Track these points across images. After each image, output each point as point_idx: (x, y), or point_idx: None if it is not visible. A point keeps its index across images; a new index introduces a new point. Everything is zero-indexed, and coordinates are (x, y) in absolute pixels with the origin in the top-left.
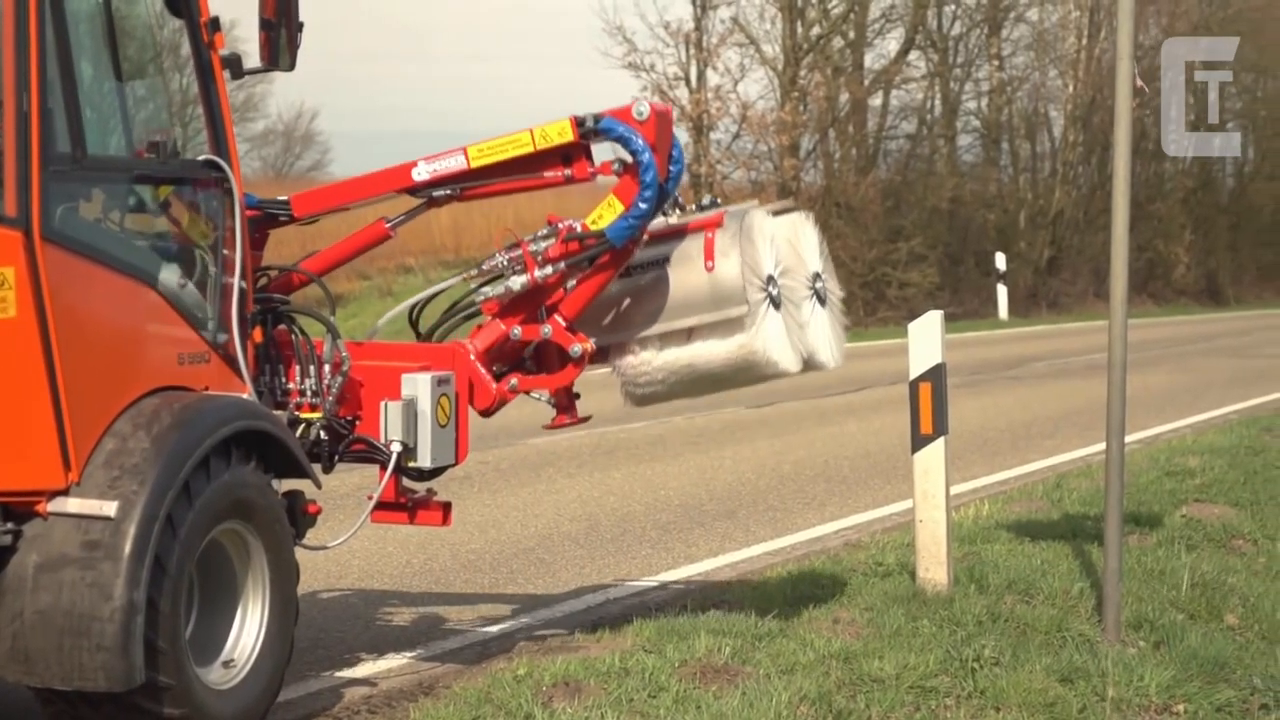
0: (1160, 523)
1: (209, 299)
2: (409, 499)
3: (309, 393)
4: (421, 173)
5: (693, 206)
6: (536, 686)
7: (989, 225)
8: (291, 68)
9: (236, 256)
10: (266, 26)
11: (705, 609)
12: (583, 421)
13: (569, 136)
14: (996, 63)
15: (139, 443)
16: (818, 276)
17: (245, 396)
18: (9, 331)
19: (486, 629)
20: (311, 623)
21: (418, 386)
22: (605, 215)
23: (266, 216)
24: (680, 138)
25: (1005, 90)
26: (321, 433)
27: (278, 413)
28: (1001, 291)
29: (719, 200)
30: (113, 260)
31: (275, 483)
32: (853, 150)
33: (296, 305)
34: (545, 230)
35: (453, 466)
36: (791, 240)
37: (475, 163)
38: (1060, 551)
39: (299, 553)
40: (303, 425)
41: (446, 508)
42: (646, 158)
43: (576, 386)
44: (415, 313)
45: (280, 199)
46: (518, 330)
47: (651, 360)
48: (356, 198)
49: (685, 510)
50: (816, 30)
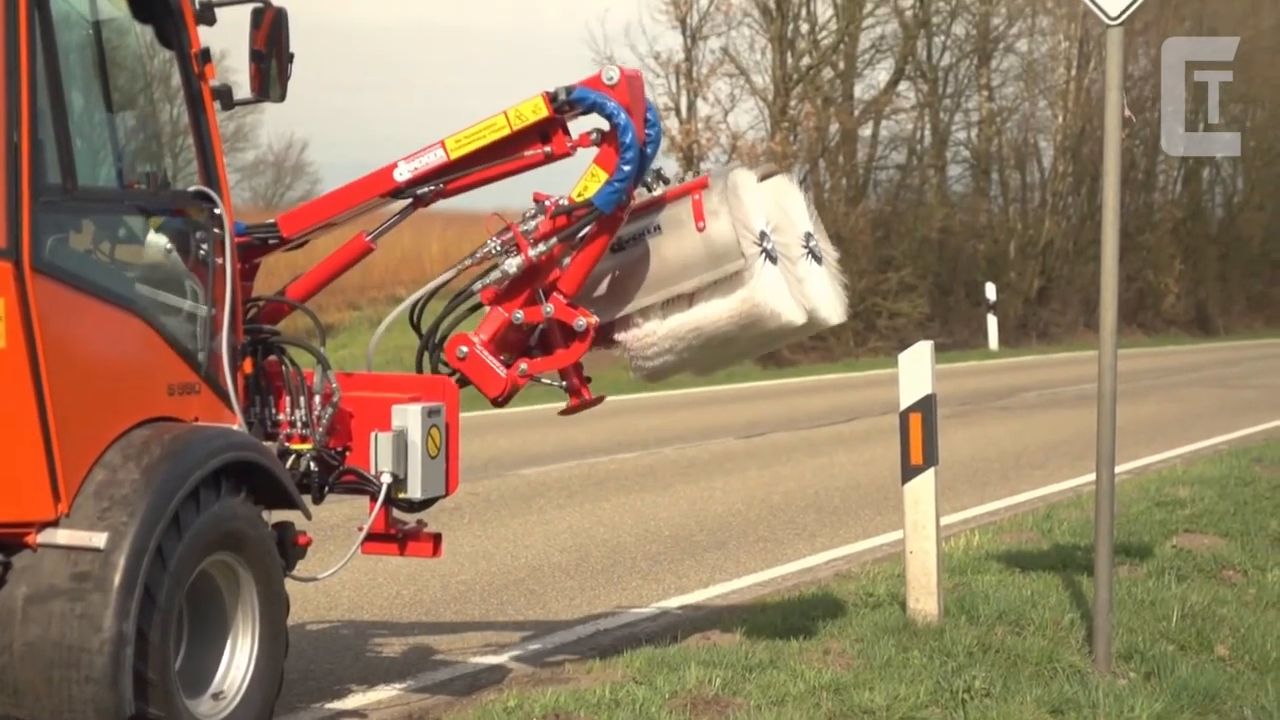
0: (1151, 553)
1: (199, 330)
2: (399, 530)
3: (299, 424)
4: (403, 172)
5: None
6: (527, 718)
7: (979, 255)
8: (282, 99)
9: (226, 287)
10: (257, 58)
11: (696, 640)
12: (597, 402)
13: (543, 113)
14: (986, 93)
15: (129, 474)
16: (810, 236)
17: (235, 428)
18: None
19: (477, 660)
20: (301, 654)
21: (408, 418)
22: (590, 185)
23: (256, 242)
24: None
25: (995, 121)
26: (312, 464)
27: (268, 444)
28: (991, 322)
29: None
30: (103, 291)
31: (265, 514)
32: (843, 180)
33: (287, 336)
34: (533, 209)
35: (443, 498)
36: (779, 201)
37: (455, 154)
38: (1051, 582)
39: (289, 584)
40: (293, 456)
41: (437, 539)
42: (622, 119)
43: (588, 370)
44: (415, 313)
45: (267, 223)
46: (520, 314)
47: (656, 330)
48: (342, 208)
49: (676, 541)
50: (806, 61)
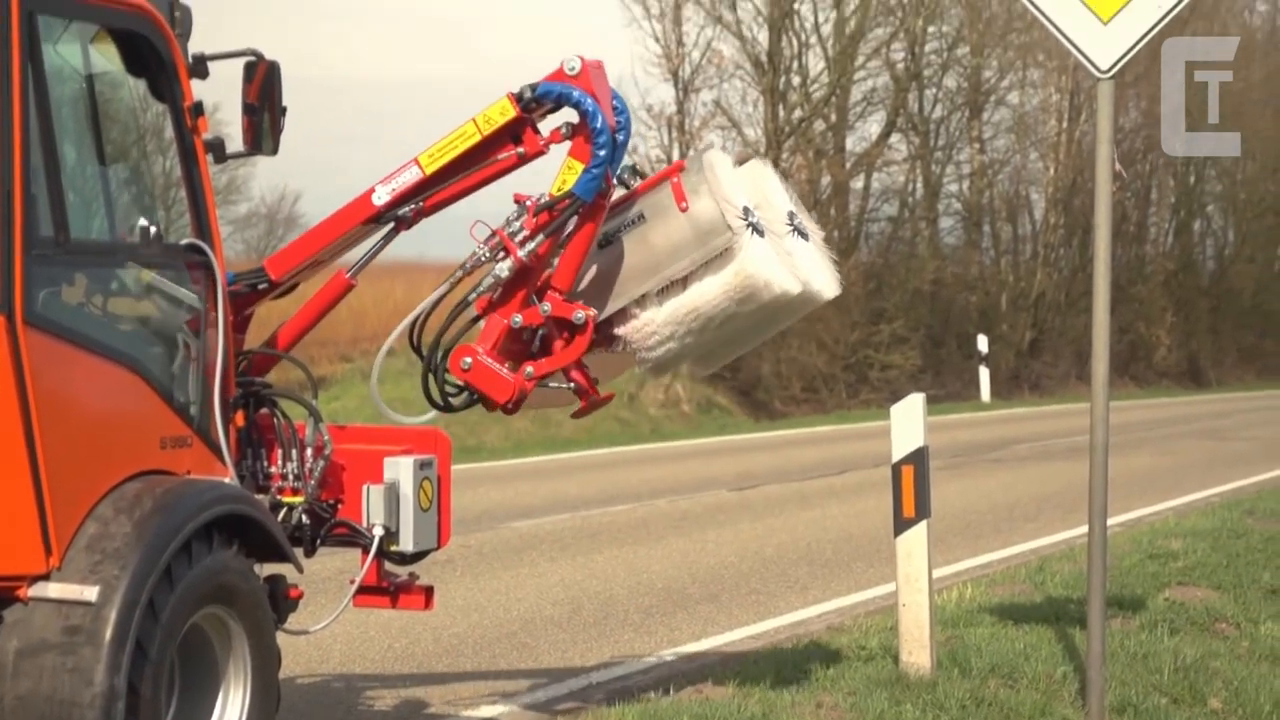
0: (1143, 606)
1: (191, 383)
2: (391, 583)
3: (291, 476)
4: (381, 195)
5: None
6: None
7: (971, 307)
8: (274, 152)
9: (219, 340)
10: (250, 111)
11: (689, 693)
12: (606, 400)
13: (511, 113)
14: (978, 145)
15: (120, 527)
16: (793, 215)
17: (227, 480)
18: None
19: (469, 713)
20: (293, 708)
21: (400, 470)
22: (568, 178)
23: (245, 290)
24: None
25: (986, 173)
26: (303, 516)
27: (260, 496)
28: (984, 373)
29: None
30: (95, 344)
31: (257, 567)
32: (835, 232)
33: (279, 389)
34: (515, 211)
35: (435, 550)
36: (757, 184)
37: (430, 168)
38: (1043, 635)
39: (280, 637)
40: (285, 509)
41: (429, 592)
42: (589, 105)
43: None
44: (415, 335)
45: (255, 269)
46: (518, 317)
47: (655, 318)
48: (327, 241)
49: (668, 593)
50: (798, 113)
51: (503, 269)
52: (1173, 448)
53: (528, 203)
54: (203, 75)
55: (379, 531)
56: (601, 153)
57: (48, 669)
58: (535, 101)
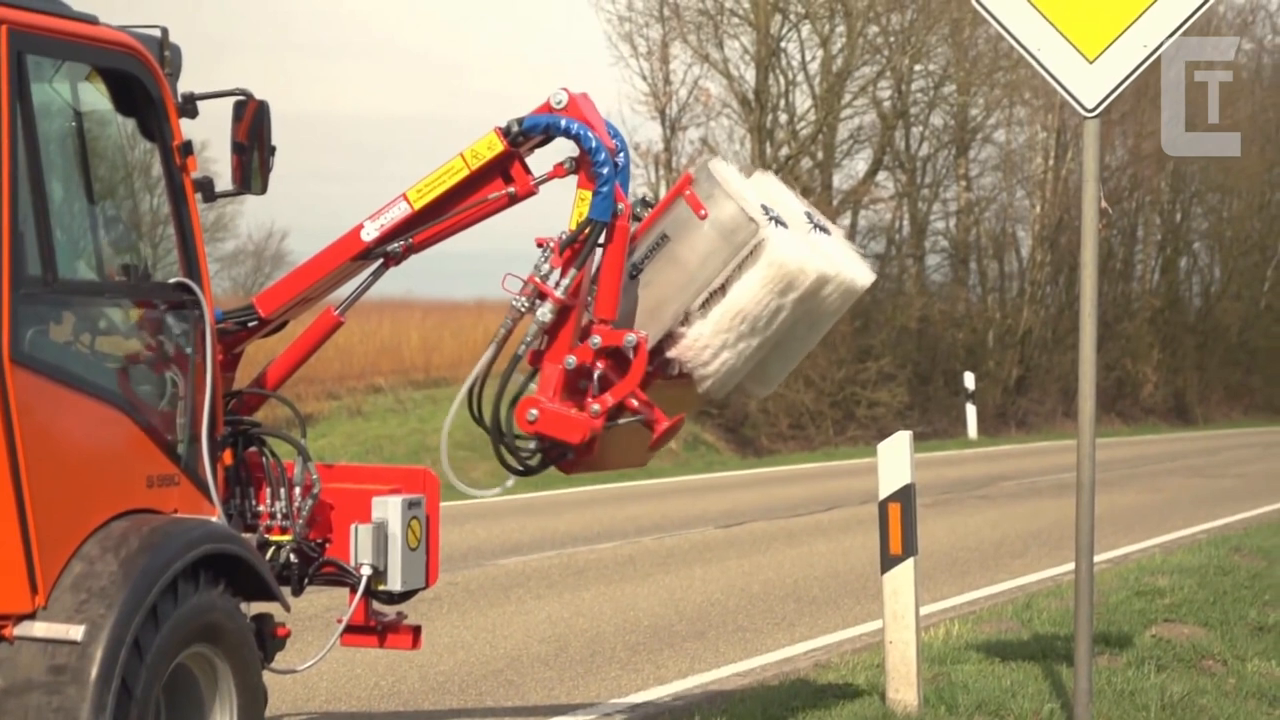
0: (1130, 643)
1: (179, 421)
2: (379, 622)
3: (279, 515)
4: (370, 231)
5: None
6: None
7: (958, 344)
8: (263, 191)
9: (207, 379)
10: (239, 150)
11: None
12: (678, 424)
13: (499, 147)
14: (964, 183)
15: (107, 566)
16: (810, 215)
17: (214, 519)
18: None
19: None
20: None
21: (388, 509)
22: (582, 209)
23: (234, 327)
24: None
25: (973, 210)
26: (291, 555)
27: (247, 535)
28: (970, 411)
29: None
30: (82, 383)
31: (244, 606)
32: None
33: (267, 427)
34: (541, 255)
35: (423, 589)
36: (766, 192)
37: (418, 204)
38: (1030, 672)
39: (267, 676)
40: (272, 548)
41: (417, 631)
42: (579, 129)
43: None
44: (475, 407)
45: (244, 306)
46: (571, 359)
47: (703, 330)
48: (316, 277)
49: (655, 631)
50: (785, 151)
51: (544, 314)
52: (1159, 484)
53: (550, 243)
54: (192, 114)
55: (367, 571)
56: (605, 170)
57: (33, 708)
58: (523, 135)
